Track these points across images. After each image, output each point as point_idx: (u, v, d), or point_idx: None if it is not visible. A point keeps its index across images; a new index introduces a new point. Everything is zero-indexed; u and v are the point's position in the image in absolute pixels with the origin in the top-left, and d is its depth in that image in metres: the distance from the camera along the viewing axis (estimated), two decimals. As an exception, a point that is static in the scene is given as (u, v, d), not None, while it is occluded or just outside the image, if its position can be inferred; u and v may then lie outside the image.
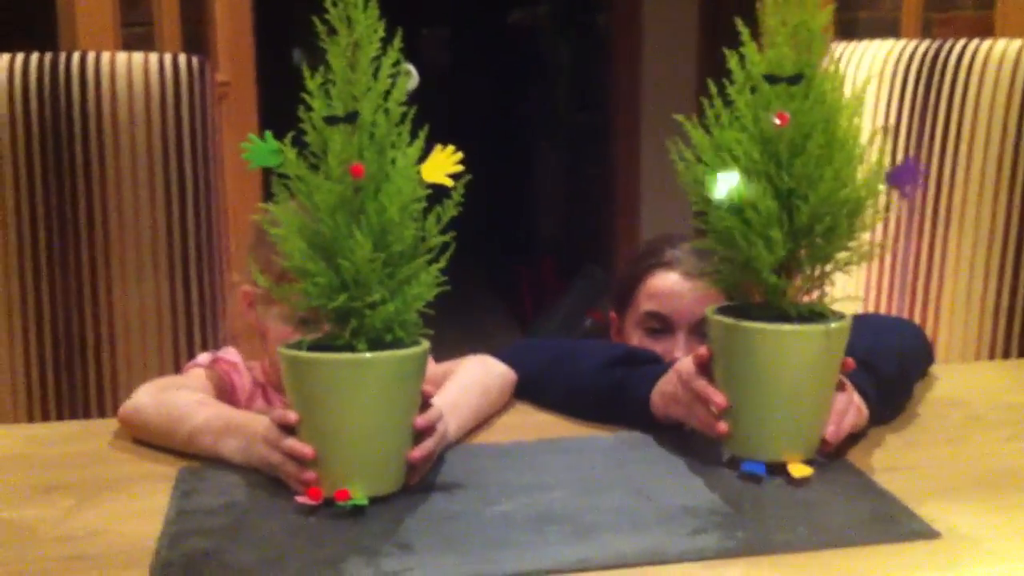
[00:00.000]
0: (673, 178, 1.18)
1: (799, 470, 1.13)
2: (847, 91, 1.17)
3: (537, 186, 5.41)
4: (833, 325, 1.13)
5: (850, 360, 1.18)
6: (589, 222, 4.68)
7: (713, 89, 1.16)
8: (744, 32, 1.16)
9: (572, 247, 4.89)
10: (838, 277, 1.18)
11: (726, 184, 1.13)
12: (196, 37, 2.61)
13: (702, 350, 1.19)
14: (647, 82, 4.18)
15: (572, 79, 5.05)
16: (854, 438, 1.22)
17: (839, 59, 2.00)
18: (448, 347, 1.38)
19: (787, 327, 1.13)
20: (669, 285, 1.63)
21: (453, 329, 1.19)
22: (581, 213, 4.83)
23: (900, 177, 1.14)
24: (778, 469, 1.14)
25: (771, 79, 1.15)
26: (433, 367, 1.38)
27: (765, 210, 1.13)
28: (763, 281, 1.15)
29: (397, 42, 1.08)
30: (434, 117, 1.13)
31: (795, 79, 1.14)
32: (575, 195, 4.97)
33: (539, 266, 4.97)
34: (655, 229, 4.02)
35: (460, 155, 1.08)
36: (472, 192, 1.08)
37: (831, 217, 1.13)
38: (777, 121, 1.13)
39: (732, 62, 1.16)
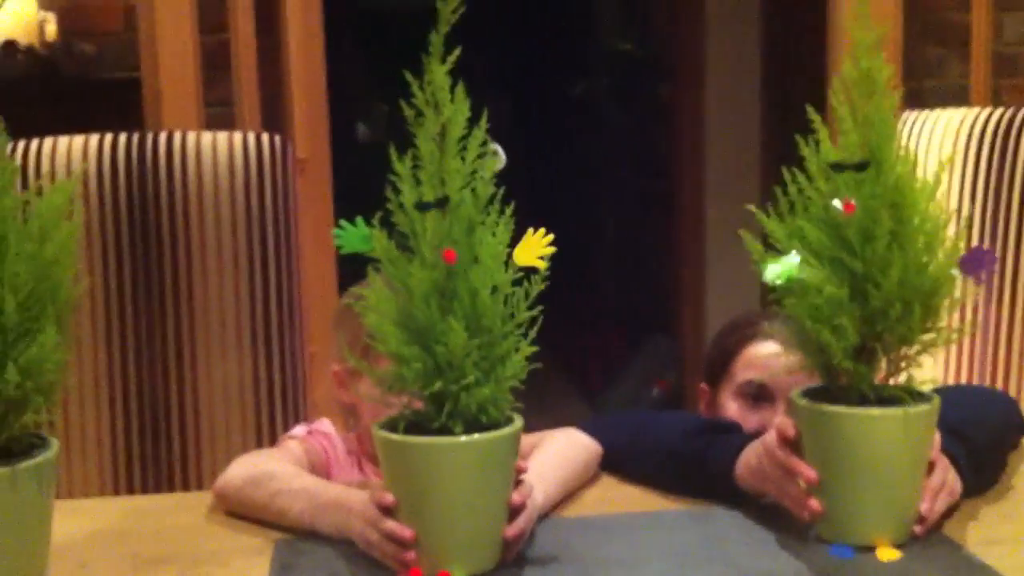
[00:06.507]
0: (738, 250, 1.18)
1: (886, 554, 1.12)
2: (920, 171, 1.17)
3: (602, 255, 5.42)
4: (912, 409, 1.12)
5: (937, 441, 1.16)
6: (653, 291, 4.67)
7: (787, 176, 1.16)
8: (816, 119, 1.16)
9: (636, 316, 4.87)
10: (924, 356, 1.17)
11: (781, 268, 1.13)
12: (273, 115, 2.67)
13: (787, 426, 1.18)
14: (711, 155, 4.19)
15: (635, 149, 5.08)
16: (948, 510, 1.21)
17: (909, 131, 2.00)
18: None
19: (862, 411, 1.12)
20: (767, 354, 1.63)
21: (520, 401, 1.19)
22: (645, 282, 4.82)
23: (971, 264, 1.14)
24: (866, 551, 1.13)
25: (837, 167, 1.15)
26: (521, 439, 1.38)
27: (832, 296, 1.12)
28: (838, 366, 1.14)
29: (483, 123, 1.08)
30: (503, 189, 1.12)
31: (861, 166, 1.14)
32: (639, 265, 4.97)
33: (604, 336, 4.96)
34: (720, 297, 4.01)
35: (551, 237, 1.08)
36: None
37: (903, 303, 1.12)
38: (843, 210, 1.13)
39: (805, 150, 1.17)
